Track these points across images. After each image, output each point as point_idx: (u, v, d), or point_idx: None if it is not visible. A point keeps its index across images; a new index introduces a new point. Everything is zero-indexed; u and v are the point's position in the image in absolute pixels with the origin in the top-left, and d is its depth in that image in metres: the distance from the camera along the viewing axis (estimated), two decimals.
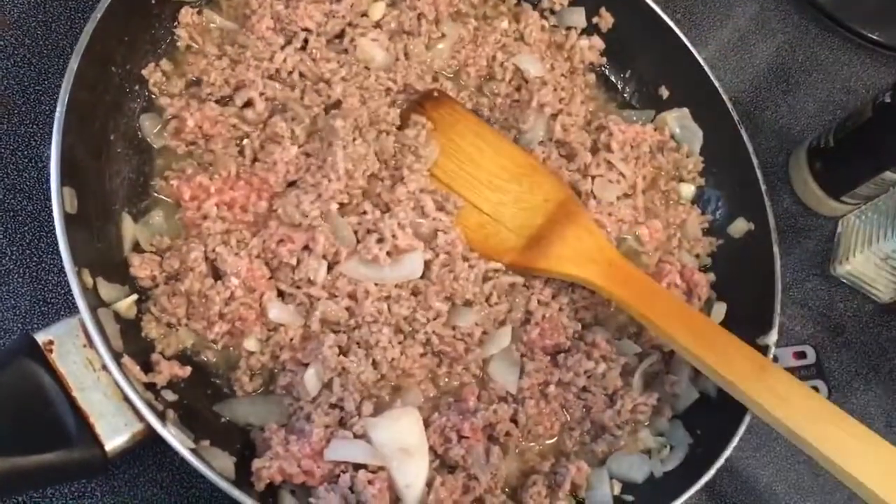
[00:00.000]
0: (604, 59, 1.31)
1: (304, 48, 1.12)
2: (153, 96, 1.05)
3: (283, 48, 1.10)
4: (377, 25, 1.17)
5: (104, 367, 0.83)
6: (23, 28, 1.14)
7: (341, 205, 1.03)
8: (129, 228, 0.98)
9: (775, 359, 1.29)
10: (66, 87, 0.90)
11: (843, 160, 1.33)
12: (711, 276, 1.19)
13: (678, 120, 1.27)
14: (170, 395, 0.90)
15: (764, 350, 1.09)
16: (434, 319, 1.01)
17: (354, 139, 1.04)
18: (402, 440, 0.93)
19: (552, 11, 1.30)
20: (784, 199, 1.43)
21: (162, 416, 0.84)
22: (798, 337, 1.33)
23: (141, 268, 0.95)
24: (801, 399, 0.97)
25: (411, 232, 1.02)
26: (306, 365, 0.96)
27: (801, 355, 1.31)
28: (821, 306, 1.37)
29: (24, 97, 1.11)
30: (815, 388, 1.29)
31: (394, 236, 1.00)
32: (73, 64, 0.91)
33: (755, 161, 1.20)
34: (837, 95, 1.54)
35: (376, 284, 1.00)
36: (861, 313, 1.37)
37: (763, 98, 1.50)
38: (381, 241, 1.01)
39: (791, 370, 1.29)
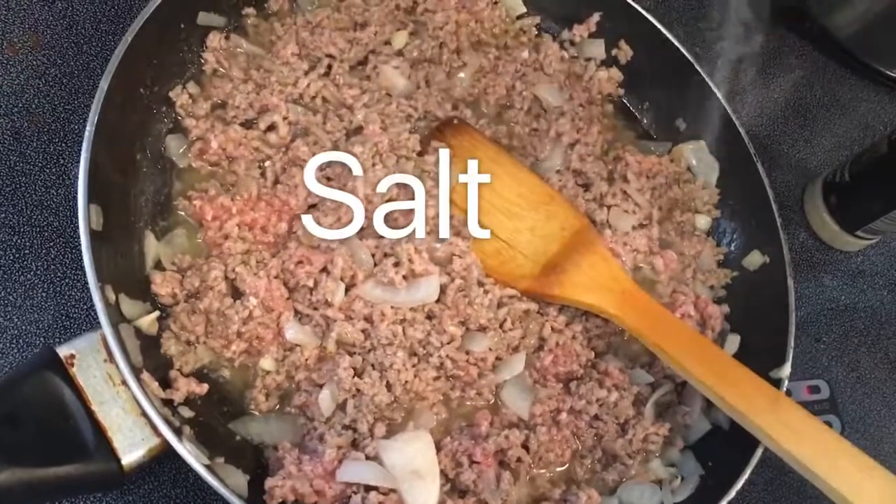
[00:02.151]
0: (622, 91, 1.33)
1: (327, 74, 1.14)
2: (179, 118, 1.08)
3: (306, 73, 1.13)
4: (399, 53, 1.19)
5: (123, 382, 0.85)
6: (55, 48, 1.17)
7: (362, 228, 1.04)
8: (153, 246, 1.00)
9: (788, 392, 1.28)
10: (95, 107, 0.92)
11: (858, 195, 1.34)
12: (726, 308, 1.20)
13: (694, 152, 1.29)
14: (186, 412, 0.91)
15: (777, 383, 1.09)
16: (448, 343, 1.02)
17: (374, 164, 1.06)
18: (413, 463, 0.94)
19: (572, 43, 1.32)
20: (800, 233, 1.43)
21: (178, 432, 0.85)
22: (812, 371, 1.33)
23: (162, 285, 0.97)
24: (814, 433, 0.97)
25: (427, 256, 1.03)
26: (321, 386, 0.98)
27: (815, 390, 1.31)
28: (836, 341, 1.36)
29: (54, 115, 1.14)
30: (829, 424, 1.28)
31: (410, 260, 1.02)
32: (104, 84, 0.94)
33: (771, 194, 1.21)
34: (854, 131, 1.55)
35: (392, 307, 1.01)
36: (876, 349, 1.37)
37: (780, 132, 1.51)
38: (397, 264, 1.02)
39: (804, 404, 1.28)
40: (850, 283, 1.41)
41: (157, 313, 0.95)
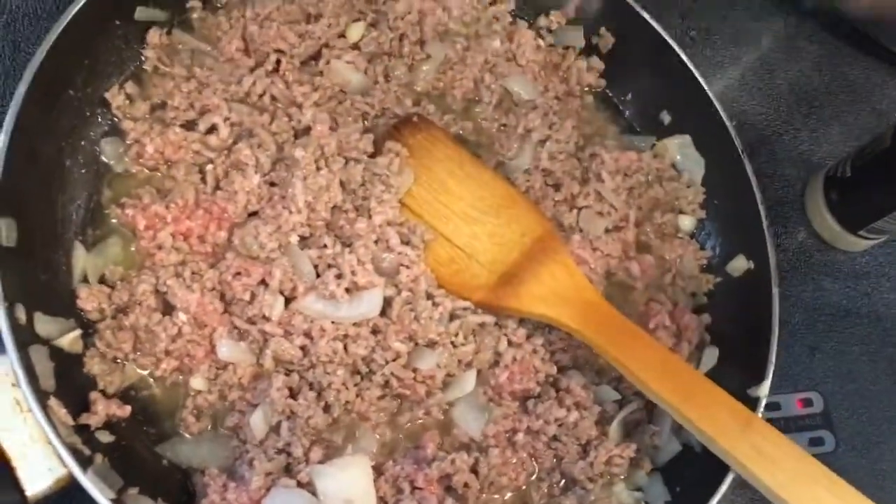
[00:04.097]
0: (603, 82, 1.24)
1: (276, 71, 1.08)
2: (116, 120, 1.03)
3: (252, 71, 1.06)
4: (355, 47, 1.12)
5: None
6: None
7: (303, 237, 0.99)
8: (81, 258, 0.95)
9: (777, 406, 1.21)
10: (11, 115, 0.87)
11: (860, 191, 1.24)
12: (706, 318, 1.11)
13: (679, 147, 1.20)
14: (105, 437, 0.87)
15: (754, 403, 1.00)
16: (393, 360, 0.96)
17: (319, 168, 0.99)
18: (347, 491, 0.89)
19: (549, 30, 1.24)
20: (799, 232, 1.34)
21: (89, 461, 0.81)
22: (805, 383, 1.24)
23: (88, 300, 0.93)
24: (788, 459, 0.89)
25: (371, 268, 0.97)
26: (256, 406, 0.93)
27: (808, 403, 1.22)
28: (833, 349, 1.27)
29: None
30: (821, 439, 1.21)
31: (353, 272, 0.96)
32: (21, 90, 0.89)
33: (758, 195, 1.11)
34: (865, 118, 1.44)
35: (333, 322, 0.95)
36: (878, 358, 1.27)
37: (783, 121, 1.41)
38: (339, 276, 0.96)
39: (795, 419, 1.21)
40: (853, 287, 1.32)
41: (79, 331, 0.90)
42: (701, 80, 1.16)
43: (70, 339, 0.90)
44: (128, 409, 0.89)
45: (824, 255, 1.33)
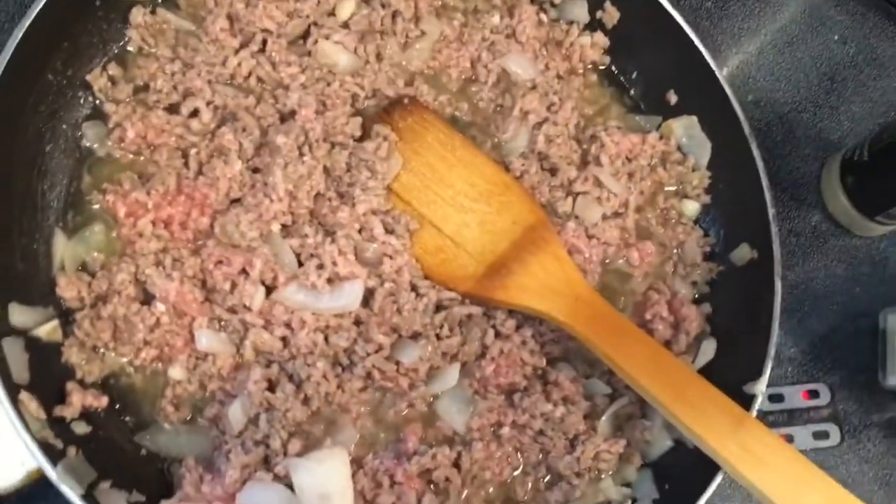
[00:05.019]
0: (607, 59, 1.19)
1: (262, 51, 1.05)
2: (99, 102, 1.01)
3: (237, 51, 1.03)
4: (345, 25, 1.08)
5: None
6: None
7: (285, 226, 0.97)
8: (61, 245, 0.95)
9: (781, 398, 1.17)
10: None
11: (877, 176, 1.18)
12: (707, 308, 1.08)
13: (685, 128, 1.14)
14: (82, 428, 0.87)
15: (749, 400, 0.97)
16: (375, 353, 0.94)
17: (303, 155, 0.97)
18: (324, 485, 0.87)
19: (552, 4, 1.18)
20: (813, 215, 1.28)
21: (61, 455, 0.81)
22: (812, 374, 1.20)
23: (67, 288, 0.92)
24: (779, 460, 0.87)
25: (353, 258, 0.95)
26: (235, 396, 0.92)
27: (814, 394, 1.19)
28: (844, 338, 1.22)
29: None
30: (826, 433, 1.17)
31: (334, 263, 0.94)
32: None
33: (765, 181, 1.06)
34: (891, 94, 1.36)
35: (313, 314, 0.94)
36: None
37: (802, 98, 1.35)
38: (321, 267, 0.94)
39: (800, 411, 1.18)
40: (868, 274, 1.26)
41: (55, 322, 0.90)
42: (709, 58, 1.10)
43: (48, 329, 0.89)
44: (105, 399, 0.89)
45: (839, 239, 1.27)
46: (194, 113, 1.00)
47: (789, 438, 1.15)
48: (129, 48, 1.04)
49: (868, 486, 1.17)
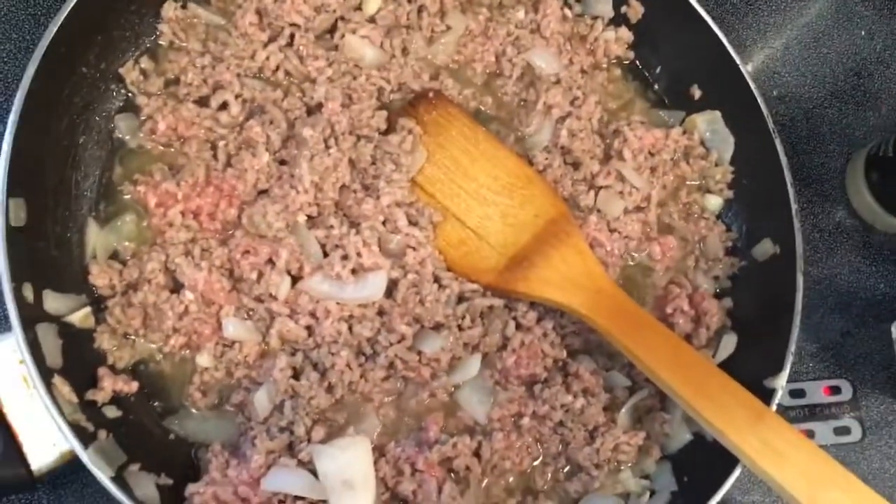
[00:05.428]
0: (631, 54, 1.19)
1: (290, 45, 1.07)
2: (131, 95, 1.03)
3: (266, 45, 1.05)
4: (372, 20, 1.09)
5: None
6: (10, 22, 1.12)
7: (311, 217, 0.98)
8: (94, 234, 0.97)
9: (802, 393, 1.18)
10: (20, 96, 0.88)
11: None
12: (728, 302, 1.08)
13: (709, 123, 1.15)
14: (112, 412, 0.89)
15: (769, 395, 0.97)
16: (398, 343, 0.96)
17: (329, 147, 0.98)
18: (346, 472, 0.89)
19: None
20: (838, 211, 1.28)
21: (92, 438, 0.84)
22: (834, 369, 1.20)
23: (99, 276, 0.95)
24: (799, 454, 0.87)
25: (377, 250, 0.96)
26: (261, 384, 0.94)
27: (836, 390, 1.19)
28: (867, 335, 1.22)
29: None
30: (847, 429, 1.17)
31: (358, 254, 0.95)
32: (30, 70, 0.89)
33: (788, 177, 1.06)
34: None
35: (338, 304, 0.95)
36: None
37: (828, 93, 1.34)
38: (345, 257, 0.96)
39: (820, 407, 1.18)
40: (892, 270, 1.26)
41: (88, 308, 0.92)
42: (733, 53, 1.11)
43: (81, 315, 0.92)
44: (135, 384, 0.92)
45: (863, 236, 1.27)
46: (223, 106, 1.02)
47: (810, 434, 1.16)
48: (161, 42, 1.06)
49: (890, 483, 1.17)
